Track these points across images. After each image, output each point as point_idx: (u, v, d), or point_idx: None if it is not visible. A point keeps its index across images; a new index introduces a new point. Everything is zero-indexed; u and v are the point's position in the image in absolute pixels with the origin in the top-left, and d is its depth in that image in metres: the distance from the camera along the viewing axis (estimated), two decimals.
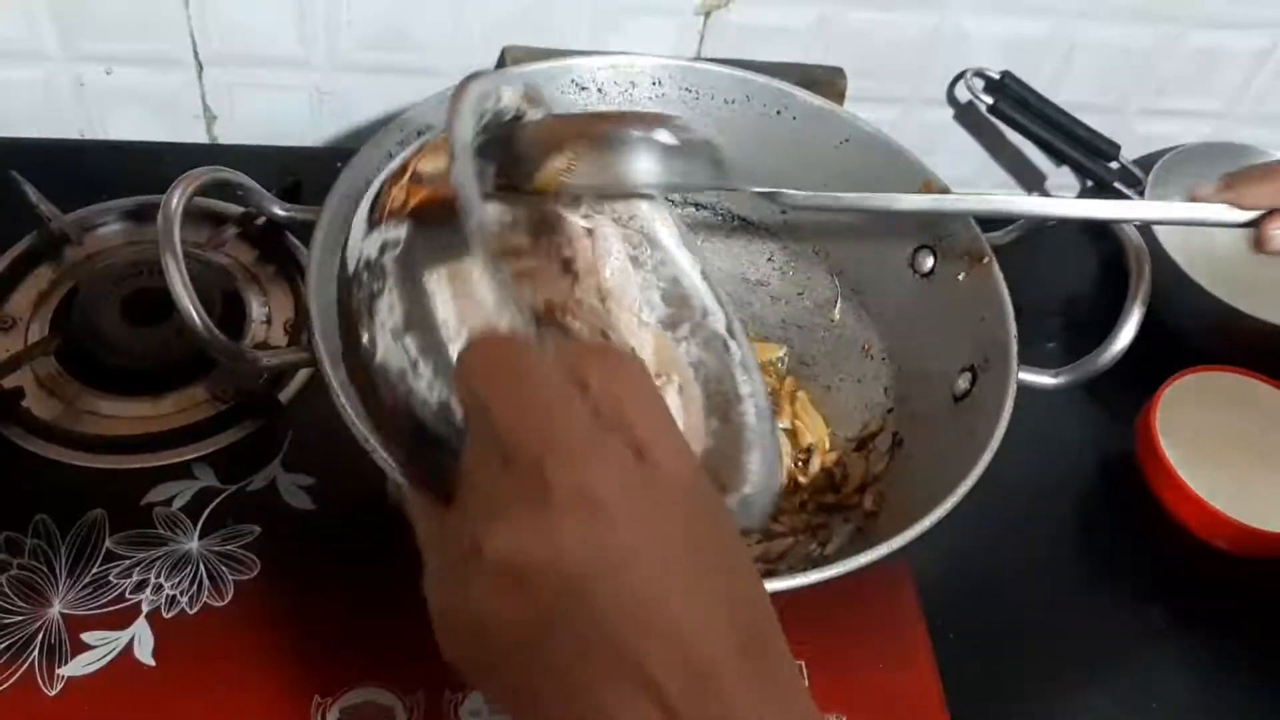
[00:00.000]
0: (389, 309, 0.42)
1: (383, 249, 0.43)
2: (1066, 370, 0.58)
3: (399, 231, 0.43)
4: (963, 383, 0.60)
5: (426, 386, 0.40)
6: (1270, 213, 0.55)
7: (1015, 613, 0.67)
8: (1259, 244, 0.57)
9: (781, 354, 0.72)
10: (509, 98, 0.48)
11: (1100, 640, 0.67)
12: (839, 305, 0.71)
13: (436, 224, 0.43)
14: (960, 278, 0.63)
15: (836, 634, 0.61)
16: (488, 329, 0.39)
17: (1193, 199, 0.58)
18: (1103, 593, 0.69)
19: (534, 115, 0.50)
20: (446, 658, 0.34)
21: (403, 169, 0.47)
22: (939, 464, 0.57)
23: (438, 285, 0.42)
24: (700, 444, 0.53)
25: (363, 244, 0.44)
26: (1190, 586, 0.70)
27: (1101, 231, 0.63)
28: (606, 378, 0.33)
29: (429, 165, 0.46)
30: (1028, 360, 0.58)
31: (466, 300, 0.41)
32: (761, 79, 0.67)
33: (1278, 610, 0.70)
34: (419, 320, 0.41)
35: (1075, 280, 0.85)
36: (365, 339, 0.42)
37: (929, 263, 0.65)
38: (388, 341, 0.41)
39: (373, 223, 0.45)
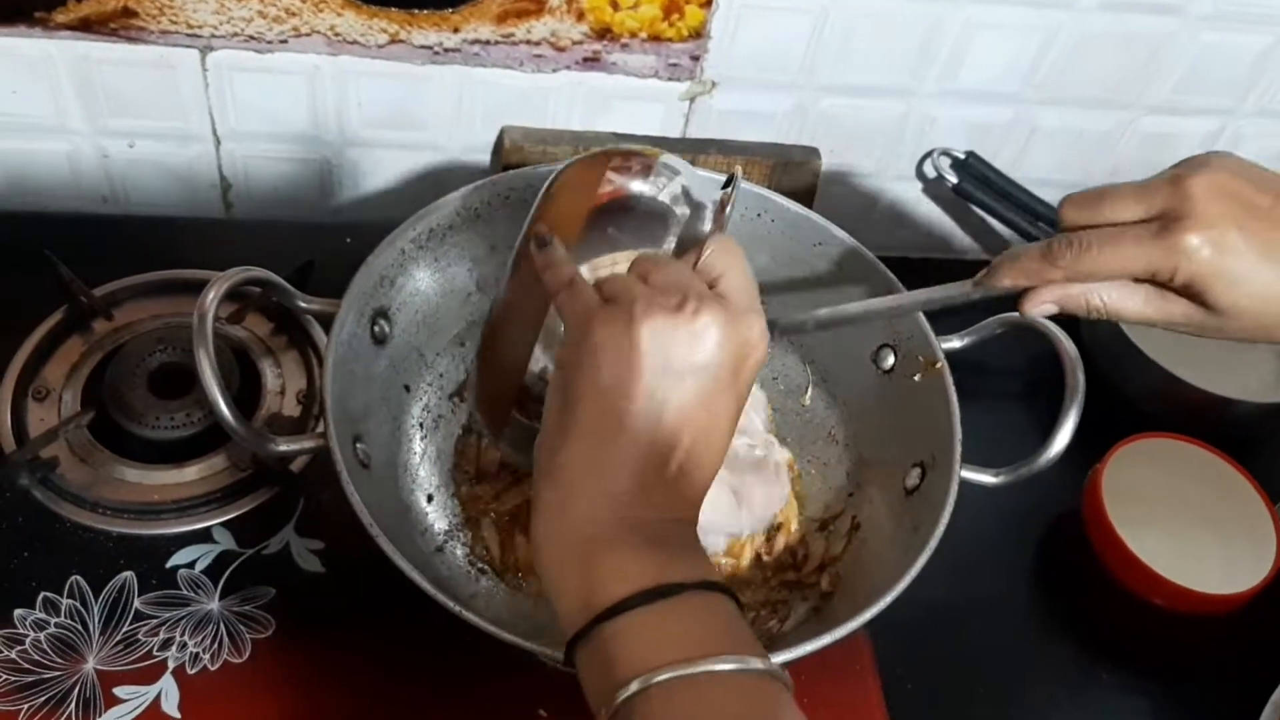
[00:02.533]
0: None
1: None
2: (1007, 470, 0.64)
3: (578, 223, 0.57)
4: (913, 478, 0.66)
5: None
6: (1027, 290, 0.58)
7: (969, 662, 0.72)
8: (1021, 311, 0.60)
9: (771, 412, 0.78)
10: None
11: (1047, 688, 0.72)
12: (810, 391, 0.76)
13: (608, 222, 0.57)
14: (916, 378, 0.68)
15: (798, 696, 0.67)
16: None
17: (977, 284, 0.59)
18: (1050, 644, 0.75)
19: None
20: (595, 331, 0.47)
21: (579, 181, 0.59)
22: (890, 550, 0.62)
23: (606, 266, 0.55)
24: None
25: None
26: (1131, 642, 0.76)
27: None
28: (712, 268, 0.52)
29: (613, 181, 0.58)
30: (975, 456, 0.64)
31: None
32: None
33: (1212, 664, 0.76)
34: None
35: (1027, 376, 0.90)
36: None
37: (890, 360, 0.71)
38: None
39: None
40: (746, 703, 0.41)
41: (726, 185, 0.58)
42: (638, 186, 0.57)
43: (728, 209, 0.57)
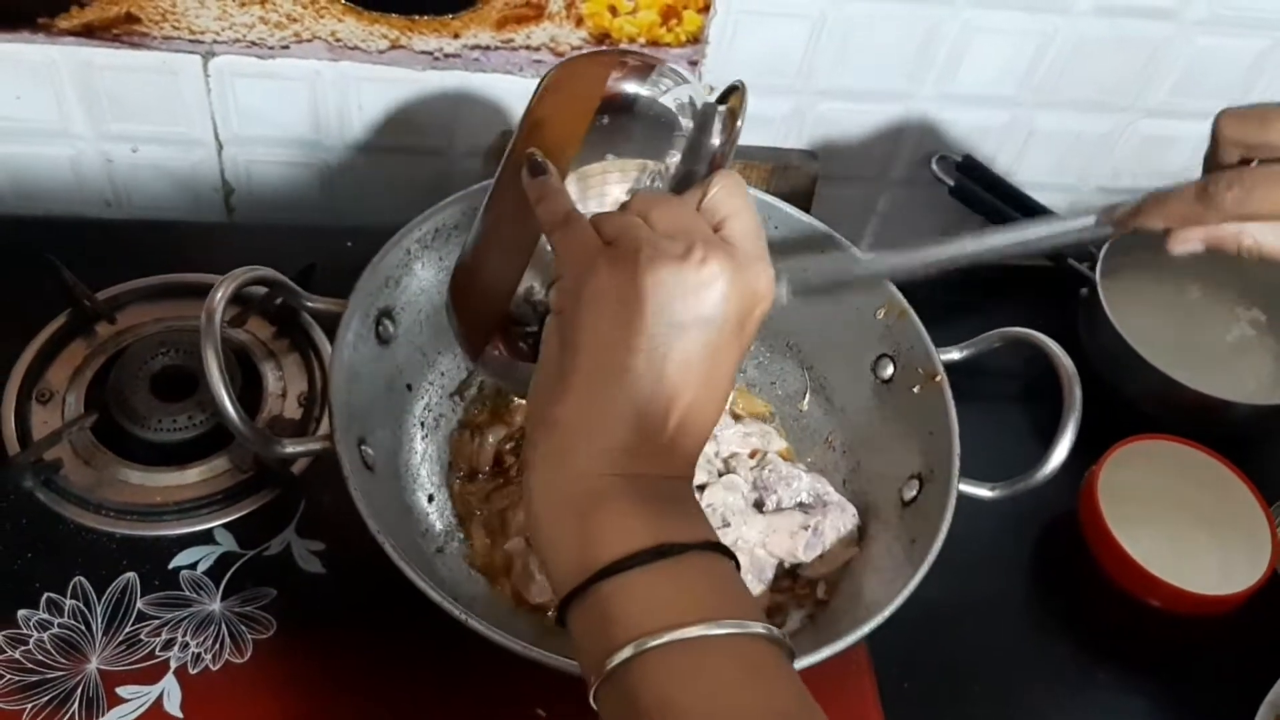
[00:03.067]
0: None
1: None
2: (1004, 485, 0.64)
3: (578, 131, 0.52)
4: (910, 490, 0.66)
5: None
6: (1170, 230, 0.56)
7: (965, 663, 0.73)
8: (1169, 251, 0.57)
9: (771, 409, 0.78)
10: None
11: (1043, 689, 0.73)
12: (807, 397, 0.77)
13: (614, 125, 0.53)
14: (915, 390, 0.69)
15: None
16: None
17: (1112, 224, 0.57)
18: (1046, 644, 0.75)
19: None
20: (594, 279, 0.45)
21: (583, 75, 0.55)
22: (887, 560, 0.63)
23: (602, 173, 0.52)
24: None
25: None
26: (1127, 642, 0.76)
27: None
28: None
29: (618, 83, 0.54)
30: (970, 464, 0.64)
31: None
32: (752, 191, 0.73)
33: (1208, 665, 0.76)
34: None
35: (1022, 380, 0.90)
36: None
37: (889, 370, 0.71)
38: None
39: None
40: (745, 667, 0.40)
41: (725, 98, 0.54)
42: (638, 87, 0.53)
43: (740, 117, 0.53)
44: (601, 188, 0.52)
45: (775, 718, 0.40)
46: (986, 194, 0.90)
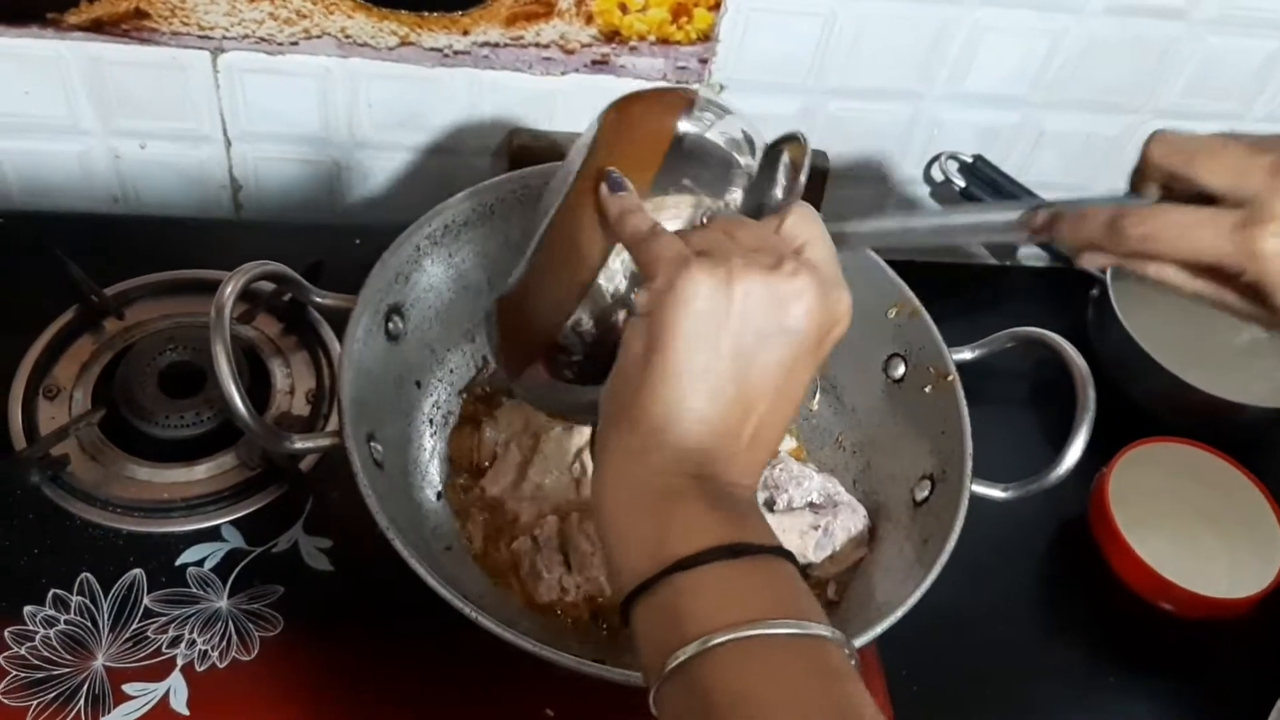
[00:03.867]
0: None
1: None
2: (1016, 486, 0.64)
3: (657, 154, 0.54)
4: (922, 490, 0.66)
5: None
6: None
7: (975, 665, 0.72)
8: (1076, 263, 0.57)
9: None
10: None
11: (1054, 692, 0.72)
12: (818, 396, 0.76)
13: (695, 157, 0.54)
14: (927, 390, 0.68)
15: None
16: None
17: (1027, 228, 0.56)
18: (1056, 647, 0.75)
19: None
20: (679, 285, 0.45)
21: (663, 106, 0.55)
22: (898, 561, 0.62)
23: (675, 203, 0.53)
24: None
25: None
26: (1138, 646, 0.76)
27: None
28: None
29: (696, 122, 0.55)
30: (982, 464, 0.64)
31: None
32: None
33: (1219, 668, 0.76)
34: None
35: (1033, 380, 0.90)
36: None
37: (901, 370, 0.71)
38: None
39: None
40: (818, 668, 0.40)
41: (778, 143, 0.54)
42: (687, 126, 0.54)
43: (802, 170, 0.53)
44: (660, 221, 0.52)
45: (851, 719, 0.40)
46: (996, 194, 0.90)
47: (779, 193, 0.55)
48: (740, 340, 0.45)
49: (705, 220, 0.53)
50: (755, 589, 0.42)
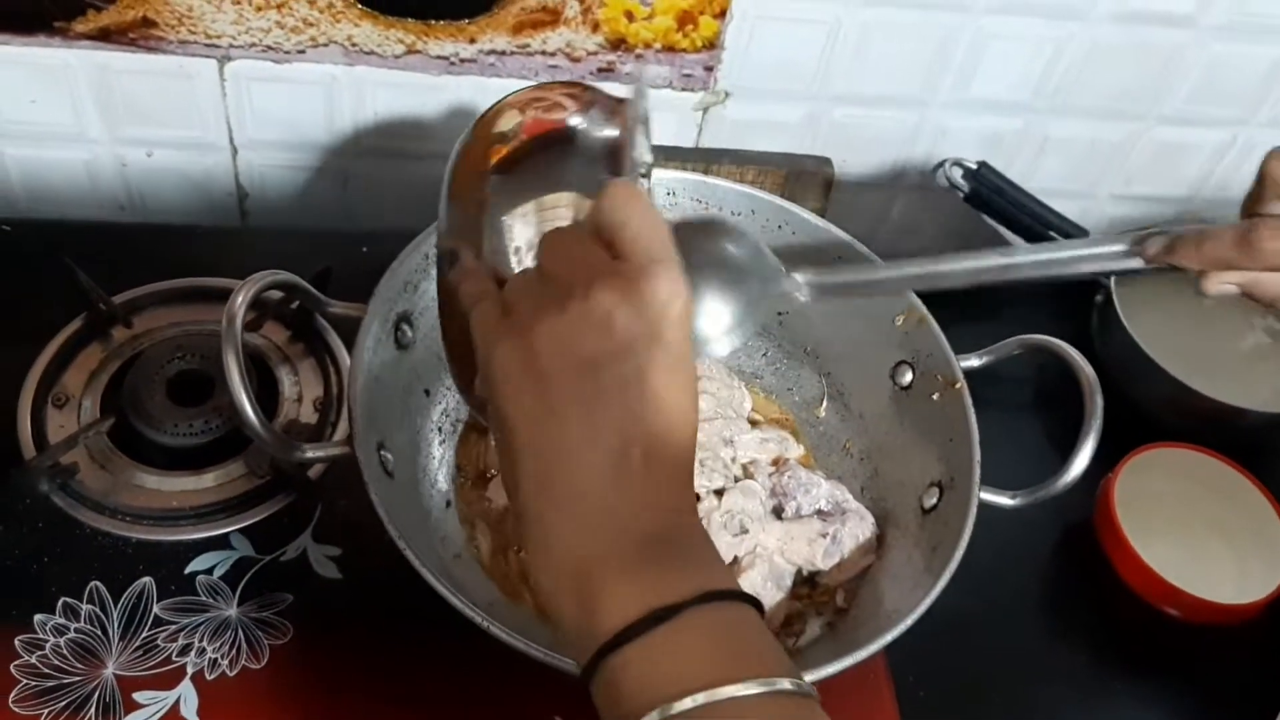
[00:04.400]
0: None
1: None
2: (1024, 493, 0.64)
3: (482, 193, 0.53)
4: (931, 498, 0.66)
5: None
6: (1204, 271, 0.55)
7: (981, 670, 0.72)
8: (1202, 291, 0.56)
9: (789, 415, 0.78)
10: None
11: (1060, 698, 0.72)
12: (825, 404, 0.76)
13: (518, 170, 0.53)
14: (934, 397, 0.68)
15: None
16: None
17: (1142, 257, 0.55)
18: (1062, 653, 0.75)
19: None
20: (493, 364, 0.44)
21: (478, 138, 0.55)
22: (907, 568, 0.62)
23: (520, 219, 0.51)
24: None
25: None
26: (1144, 651, 0.76)
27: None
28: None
29: (506, 124, 0.54)
30: (988, 471, 0.64)
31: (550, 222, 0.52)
32: (766, 196, 0.73)
33: (1225, 674, 0.76)
34: (500, 253, 0.52)
35: (1036, 386, 0.90)
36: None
37: (908, 377, 0.71)
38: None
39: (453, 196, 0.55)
40: None
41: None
42: (576, 120, 0.52)
43: (631, 127, 0.51)
44: (554, 222, 0.52)
45: None
46: (1001, 201, 0.90)
47: (638, 155, 0.52)
48: (568, 385, 0.42)
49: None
50: (694, 651, 0.40)
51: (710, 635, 0.40)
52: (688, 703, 0.38)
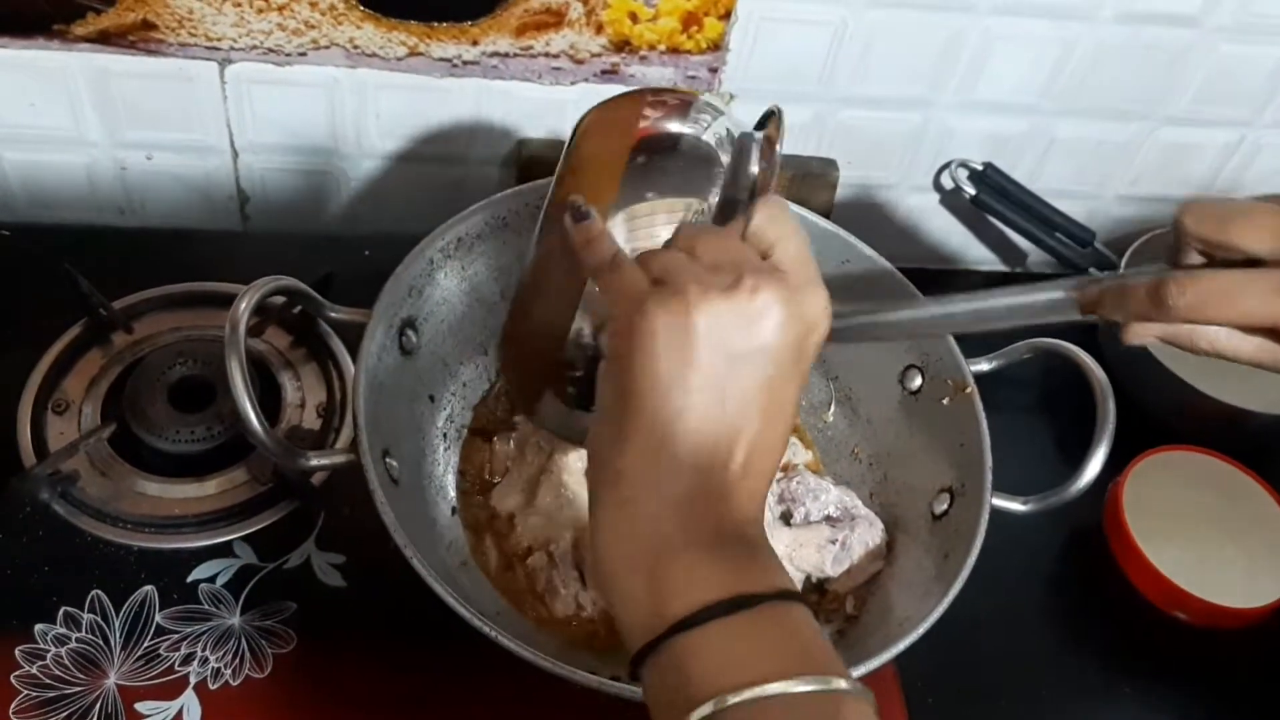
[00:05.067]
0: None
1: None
2: (1036, 499, 0.63)
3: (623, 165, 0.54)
4: (941, 504, 0.65)
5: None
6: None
7: (990, 676, 0.72)
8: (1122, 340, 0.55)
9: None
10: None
11: (1069, 703, 0.72)
12: (833, 408, 0.76)
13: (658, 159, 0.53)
14: (944, 401, 0.68)
15: None
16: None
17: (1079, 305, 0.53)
18: (1071, 658, 0.74)
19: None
20: (643, 317, 0.44)
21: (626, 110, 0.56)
22: (917, 575, 0.62)
23: (650, 208, 0.53)
24: None
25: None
26: (1153, 656, 0.75)
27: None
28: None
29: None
30: (998, 475, 0.63)
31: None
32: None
33: (1235, 678, 0.75)
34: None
35: (1044, 388, 0.89)
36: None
37: (917, 381, 0.70)
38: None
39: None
40: None
41: (762, 124, 0.52)
42: (677, 125, 0.53)
43: (776, 152, 0.51)
44: (650, 229, 0.52)
45: None
46: (1007, 202, 0.89)
47: (753, 169, 0.52)
48: (710, 371, 0.43)
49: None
50: (763, 642, 0.40)
51: (784, 630, 0.41)
52: (758, 691, 0.38)
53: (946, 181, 0.91)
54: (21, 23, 0.74)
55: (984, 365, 0.68)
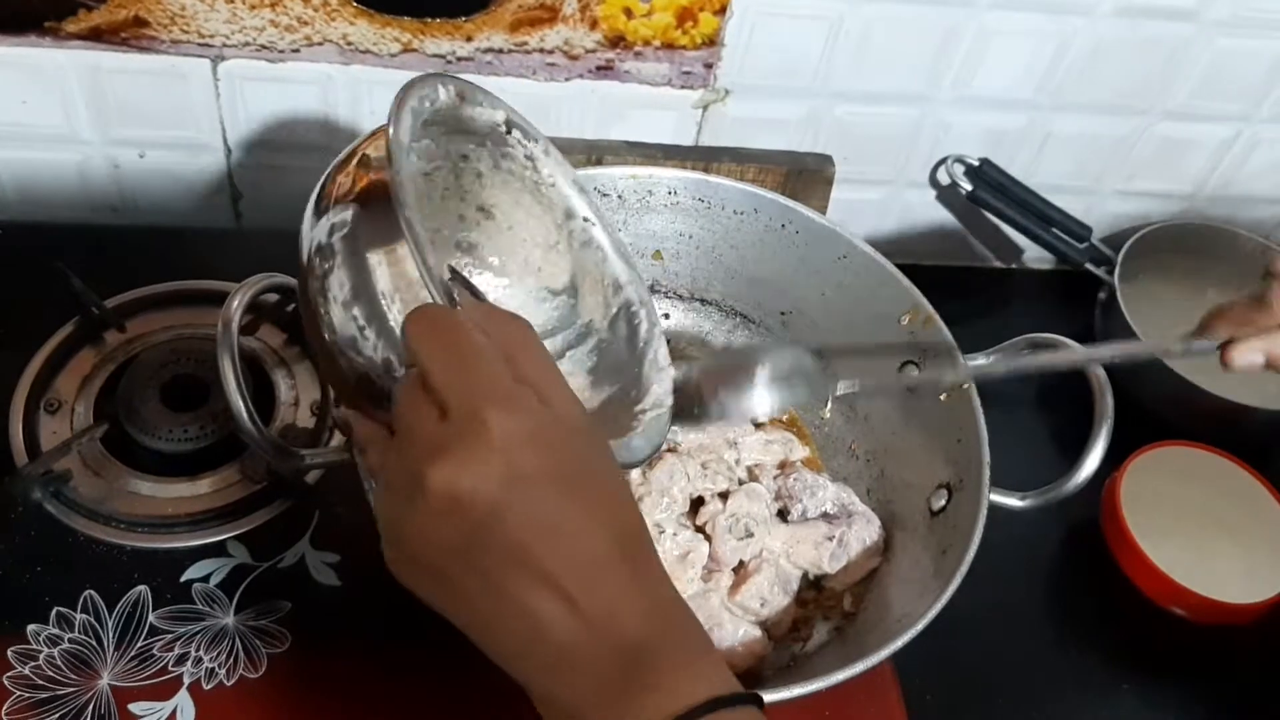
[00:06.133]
0: (339, 285, 0.48)
1: (331, 231, 0.49)
2: (1034, 494, 0.63)
3: (345, 214, 0.49)
4: (939, 500, 0.65)
5: (371, 348, 0.48)
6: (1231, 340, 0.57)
7: (988, 673, 0.72)
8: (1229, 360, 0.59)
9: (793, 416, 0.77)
10: (444, 96, 0.53)
11: (1068, 700, 0.72)
12: (830, 405, 0.76)
13: (380, 205, 0.48)
14: (942, 398, 0.68)
15: (819, 709, 0.66)
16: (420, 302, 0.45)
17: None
18: (1069, 654, 0.74)
19: (467, 110, 0.54)
20: (392, 566, 0.43)
21: (349, 156, 0.52)
22: (915, 571, 0.62)
23: (378, 260, 0.48)
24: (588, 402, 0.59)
25: (313, 231, 0.50)
26: (1151, 652, 0.75)
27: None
28: (509, 339, 0.42)
29: (375, 151, 0.51)
30: (995, 471, 0.63)
31: (399, 274, 0.48)
32: (770, 195, 0.72)
33: (1234, 674, 0.75)
34: (364, 292, 0.48)
35: (1040, 383, 0.90)
36: (322, 312, 0.49)
37: (915, 378, 0.70)
38: (339, 313, 0.48)
39: (320, 210, 0.51)
40: None
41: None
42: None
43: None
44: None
45: None
46: (1003, 197, 0.89)
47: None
48: (453, 573, 0.41)
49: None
50: None
51: None
52: None
53: (943, 177, 0.91)
54: (13, 19, 0.73)
55: (981, 361, 0.68)
